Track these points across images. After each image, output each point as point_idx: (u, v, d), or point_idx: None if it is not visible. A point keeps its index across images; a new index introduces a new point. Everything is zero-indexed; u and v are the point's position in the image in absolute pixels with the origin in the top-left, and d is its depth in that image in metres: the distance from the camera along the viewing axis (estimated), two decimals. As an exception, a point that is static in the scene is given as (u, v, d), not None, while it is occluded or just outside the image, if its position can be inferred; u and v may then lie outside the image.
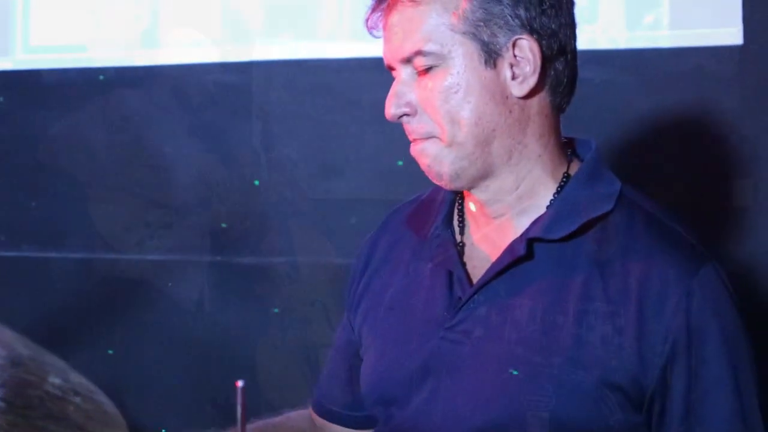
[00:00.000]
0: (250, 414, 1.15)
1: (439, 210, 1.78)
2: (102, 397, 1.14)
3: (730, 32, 2.51)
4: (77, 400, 1.10)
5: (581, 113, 1.77)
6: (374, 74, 2.10)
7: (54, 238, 3.08)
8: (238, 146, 2.95)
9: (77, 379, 1.13)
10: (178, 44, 2.99)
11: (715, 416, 1.57)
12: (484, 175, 1.65)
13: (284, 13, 2.94)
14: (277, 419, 1.98)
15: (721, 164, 2.55)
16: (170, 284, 2.97)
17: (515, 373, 1.60)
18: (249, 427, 1.50)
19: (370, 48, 1.84)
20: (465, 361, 1.65)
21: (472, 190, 1.68)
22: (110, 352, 2.99)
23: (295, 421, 2.00)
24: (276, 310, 2.88)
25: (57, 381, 1.10)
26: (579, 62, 1.70)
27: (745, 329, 1.62)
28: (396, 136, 1.82)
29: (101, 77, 3.00)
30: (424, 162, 1.67)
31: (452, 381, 1.66)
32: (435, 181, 1.69)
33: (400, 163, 2.53)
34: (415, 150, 1.67)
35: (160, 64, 3.00)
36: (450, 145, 1.62)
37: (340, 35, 2.88)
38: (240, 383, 1.10)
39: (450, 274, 1.71)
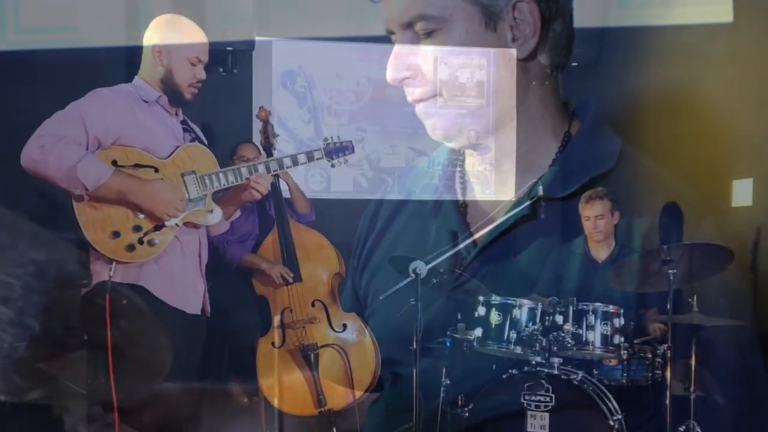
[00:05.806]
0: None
1: (440, 171, 1.80)
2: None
3: (720, 9, 2.52)
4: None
5: (570, 91, 1.79)
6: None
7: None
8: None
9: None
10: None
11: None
12: (486, 135, 1.66)
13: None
14: None
15: (710, 142, 2.56)
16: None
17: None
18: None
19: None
20: None
21: (475, 151, 1.70)
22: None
23: None
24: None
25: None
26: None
27: None
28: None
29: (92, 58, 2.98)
30: (428, 121, 1.68)
31: None
32: (438, 139, 1.70)
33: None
34: (419, 110, 1.69)
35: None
36: (452, 102, 1.63)
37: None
38: None
39: (454, 234, 1.73)
